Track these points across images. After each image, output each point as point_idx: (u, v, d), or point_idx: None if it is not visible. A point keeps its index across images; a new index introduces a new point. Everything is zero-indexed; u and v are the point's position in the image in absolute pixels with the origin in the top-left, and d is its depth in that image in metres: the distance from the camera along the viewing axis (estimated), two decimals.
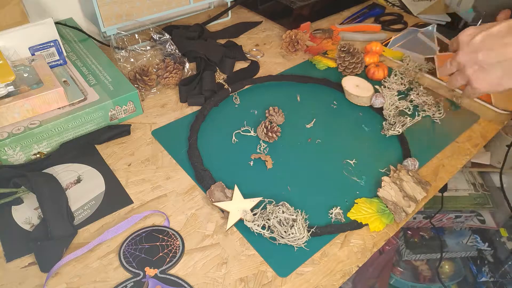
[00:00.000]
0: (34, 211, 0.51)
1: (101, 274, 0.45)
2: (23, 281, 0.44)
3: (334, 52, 0.82)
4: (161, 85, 0.73)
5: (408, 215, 0.51)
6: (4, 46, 0.61)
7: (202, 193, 0.54)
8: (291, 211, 0.49)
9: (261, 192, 0.54)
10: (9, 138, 0.53)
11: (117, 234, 0.48)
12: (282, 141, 0.63)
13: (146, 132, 0.64)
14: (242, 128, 0.64)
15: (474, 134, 0.66)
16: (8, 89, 0.55)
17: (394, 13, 0.99)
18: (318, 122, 0.66)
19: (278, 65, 0.80)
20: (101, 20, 0.75)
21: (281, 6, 0.90)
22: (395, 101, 0.68)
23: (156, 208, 0.52)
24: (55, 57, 0.66)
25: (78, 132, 0.60)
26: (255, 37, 0.90)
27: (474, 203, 1.21)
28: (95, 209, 0.52)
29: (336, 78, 0.75)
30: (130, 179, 0.56)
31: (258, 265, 0.46)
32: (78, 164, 0.57)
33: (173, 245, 0.47)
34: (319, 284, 0.45)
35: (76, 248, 0.47)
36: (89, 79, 0.64)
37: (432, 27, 0.85)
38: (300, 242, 0.47)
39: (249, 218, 0.49)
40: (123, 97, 0.62)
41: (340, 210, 0.52)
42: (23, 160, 0.57)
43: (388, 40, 0.86)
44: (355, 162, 0.60)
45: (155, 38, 0.76)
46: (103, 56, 0.70)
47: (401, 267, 1.26)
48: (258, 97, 0.72)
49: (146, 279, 0.44)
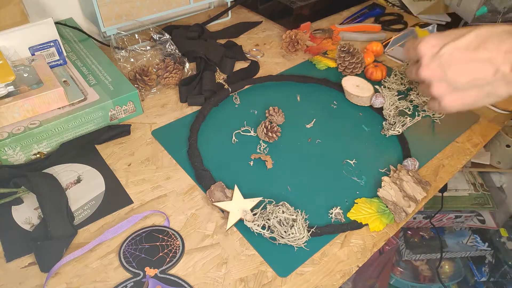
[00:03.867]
0: (34, 211, 0.51)
1: (101, 274, 0.45)
2: (23, 281, 0.44)
3: (334, 52, 0.82)
4: (161, 85, 0.73)
5: (408, 215, 0.51)
6: (4, 46, 0.61)
7: (202, 193, 0.54)
8: (291, 211, 0.49)
9: (261, 192, 0.54)
10: (9, 138, 0.53)
11: (117, 234, 0.48)
12: (282, 141, 0.63)
13: (146, 132, 0.64)
14: (242, 128, 0.64)
15: (474, 134, 0.66)
16: (8, 89, 0.55)
17: (394, 13, 0.99)
18: (318, 122, 0.66)
19: (278, 65, 0.80)
20: (101, 20, 0.75)
21: (281, 6, 0.90)
22: (395, 101, 0.68)
23: (156, 208, 0.52)
24: (55, 57, 0.66)
25: (78, 132, 0.60)
26: (255, 37, 0.90)
27: (474, 203, 1.21)
28: (95, 209, 0.52)
29: (336, 78, 0.75)
30: (130, 179, 0.56)
31: (258, 265, 0.46)
32: (78, 164, 0.57)
33: (173, 245, 0.47)
34: (319, 284, 0.45)
35: (76, 248, 0.47)
36: (89, 79, 0.64)
37: (432, 27, 0.85)
38: (300, 242, 0.47)
39: (249, 218, 0.49)
40: (123, 97, 0.62)
41: (340, 210, 0.52)
42: (23, 160, 0.57)
43: (388, 40, 0.86)
44: (355, 162, 0.60)
45: (155, 38, 0.76)
46: (103, 56, 0.70)
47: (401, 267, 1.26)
48: (258, 97, 0.72)
49: (146, 279, 0.44)
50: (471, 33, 0.42)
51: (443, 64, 0.43)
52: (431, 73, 0.44)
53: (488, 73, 0.41)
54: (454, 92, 0.44)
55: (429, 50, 0.44)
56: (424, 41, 0.45)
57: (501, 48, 0.40)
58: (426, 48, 0.45)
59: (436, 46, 0.44)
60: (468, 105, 0.44)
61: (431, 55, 0.44)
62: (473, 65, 0.41)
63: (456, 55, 0.42)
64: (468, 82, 0.42)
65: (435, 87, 0.45)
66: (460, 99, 0.44)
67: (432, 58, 0.44)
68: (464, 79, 0.42)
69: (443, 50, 0.43)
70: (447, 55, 0.43)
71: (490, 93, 0.42)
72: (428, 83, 0.46)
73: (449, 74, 0.43)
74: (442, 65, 0.43)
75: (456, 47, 0.42)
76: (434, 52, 0.44)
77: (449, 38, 0.43)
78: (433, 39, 0.44)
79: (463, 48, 0.42)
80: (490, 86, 0.41)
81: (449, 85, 0.44)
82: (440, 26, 0.90)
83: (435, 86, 0.45)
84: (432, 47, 0.44)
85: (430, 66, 0.44)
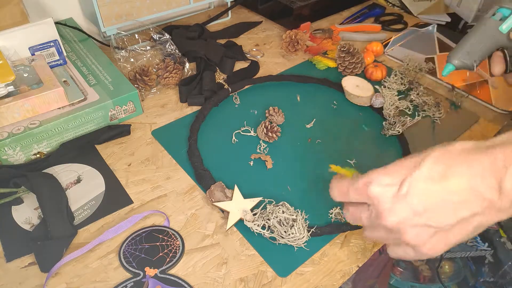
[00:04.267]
0: (34, 211, 0.51)
1: (101, 274, 0.45)
2: (23, 281, 0.44)
3: (334, 52, 0.82)
4: (161, 85, 0.73)
5: None
6: (4, 46, 0.61)
7: (202, 193, 0.54)
8: (291, 211, 0.49)
9: (261, 192, 0.54)
10: (9, 138, 0.53)
11: (117, 234, 0.48)
12: (282, 141, 0.63)
13: (146, 132, 0.64)
14: (242, 128, 0.64)
15: (474, 134, 0.66)
16: (8, 89, 0.55)
17: (394, 13, 0.99)
18: (318, 122, 0.66)
19: (278, 65, 0.80)
20: (101, 20, 0.75)
21: (281, 6, 0.90)
22: (395, 101, 0.68)
23: (156, 208, 0.52)
24: (55, 57, 0.66)
25: (78, 132, 0.60)
26: (255, 37, 0.90)
27: None
28: (95, 209, 0.52)
29: (336, 78, 0.75)
30: (130, 179, 0.56)
31: (258, 265, 0.46)
32: (78, 164, 0.57)
33: (173, 245, 0.47)
34: (319, 284, 0.45)
35: (76, 248, 0.47)
36: (89, 79, 0.64)
37: (432, 27, 0.85)
38: (300, 242, 0.47)
39: (249, 218, 0.49)
40: (123, 97, 0.62)
41: (340, 210, 0.52)
42: (23, 160, 0.57)
43: (388, 40, 0.86)
44: (355, 162, 0.60)
45: (155, 38, 0.76)
46: (103, 56, 0.70)
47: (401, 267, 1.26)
48: (258, 97, 0.72)
49: (146, 279, 0.44)
50: (427, 160, 0.33)
51: (415, 204, 0.33)
52: (399, 218, 0.34)
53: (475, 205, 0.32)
54: (435, 234, 0.34)
55: (384, 191, 0.35)
56: (375, 182, 0.35)
57: (475, 173, 0.32)
58: (380, 190, 0.35)
59: (393, 184, 0.35)
60: (453, 245, 0.35)
61: (391, 197, 0.34)
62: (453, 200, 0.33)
63: (426, 191, 0.33)
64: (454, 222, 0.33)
65: (409, 234, 0.35)
66: (443, 241, 0.35)
67: (394, 199, 0.34)
68: (449, 220, 0.33)
69: (404, 188, 0.33)
70: (415, 193, 0.33)
71: (479, 226, 0.34)
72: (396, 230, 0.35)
73: (426, 215, 0.33)
74: (414, 205, 0.33)
75: (420, 181, 0.33)
76: (394, 192, 0.34)
77: (403, 171, 0.34)
78: (384, 177, 0.35)
79: (428, 179, 0.33)
80: (479, 217, 0.33)
81: (428, 228, 0.34)
82: (440, 26, 0.90)
83: (410, 232, 0.35)
84: (388, 186, 0.35)
85: (396, 210, 0.34)
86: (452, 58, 0.55)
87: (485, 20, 0.53)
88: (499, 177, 0.31)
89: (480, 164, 0.32)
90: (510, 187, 0.30)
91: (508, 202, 0.31)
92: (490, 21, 0.53)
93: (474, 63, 0.54)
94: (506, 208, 0.32)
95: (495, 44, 0.53)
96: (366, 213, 0.38)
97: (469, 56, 0.54)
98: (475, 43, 0.53)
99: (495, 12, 0.53)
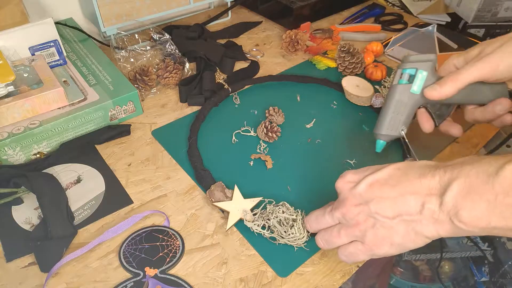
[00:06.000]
0: (34, 211, 0.51)
1: (101, 274, 0.45)
2: (23, 281, 0.44)
3: (334, 52, 0.82)
4: (161, 85, 0.73)
5: None
6: (4, 46, 0.61)
7: (202, 193, 0.54)
8: (291, 211, 0.49)
9: (261, 192, 0.54)
10: (9, 138, 0.53)
11: (117, 234, 0.48)
12: (282, 141, 0.63)
13: (146, 132, 0.64)
14: (242, 128, 0.64)
15: (474, 134, 0.66)
16: (8, 89, 0.55)
17: (394, 13, 0.99)
18: (318, 122, 0.66)
19: (278, 65, 0.80)
20: (101, 20, 0.75)
21: (281, 6, 0.90)
22: None
23: (156, 208, 0.52)
24: (55, 57, 0.66)
25: (78, 132, 0.60)
26: (255, 37, 0.90)
27: None
28: (95, 209, 0.52)
29: (336, 78, 0.75)
30: (130, 179, 0.56)
31: (258, 265, 0.46)
32: (78, 164, 0.57)
33: (173, 245, 0.47)
34: (319, 284, 0.45)
35: (76, 248, 0.47)
36: (89, 79, 0.64)
37: (432, 27, 0.85)
38: (300, 242, 0.47)
39: (249, 218, 0.49)
40: (123, 97, 0.62)
41: None
42: (23, 160, 0.57)
43: (388, 40, 0.86)
44: (355, 162, 0.60)
45: (155, 38, 0.76)
46: (103, 56, 0.70)
47: (401, 267, 1.26)
48: (258, 97, 0.72)
49: (146, 279, 0.44)
50: (390, 167, 0.39)
51: (363, 193, 0.39)
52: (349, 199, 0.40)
53: (413, 207, 0.36)
54: (377, 227, 0.38)
55: (346, 185, 0.41)
56: (342, 177, 0.42)
57: (423, 182, 0.36)
58: (343, 184, 0.41)
59: (353, 182, 0.41)
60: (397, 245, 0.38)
61: (349, 189, 0.40)
62: (395, 196, 0.37)
63: (376, 189, 0.38)
64: (394, 216, 0.37)
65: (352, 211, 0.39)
66: (388, 239, 0.38)
67: (351, 191, 0.40)
68: (388, 212, 0.37)
69: (360, 185, 0.39)
70: (365, 189, 0.39)
71: (417, 232, 0.37)
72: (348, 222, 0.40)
73: (371, 203, 0.38)
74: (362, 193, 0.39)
75: (374, 181, 0.39)
76: (351, 187, 0.40)
77: (366, 172, 0.40)
78: (349, 175, 0.42)
79: (382, 181, 0.38)
80: (417, 223, 0.36)
81: (375, 221, 0.38)
82: (440, 26, 0.90)
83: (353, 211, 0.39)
84: (348, 183, 0.41)
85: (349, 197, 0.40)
86: (378, 134, 0.53)
87: (395, 88, 0.51)
88: (444, 189, 0.34)
89: (432, 177, 0.35)
90: (449, 200, 0.34)
91: (445, 215, 0.34)
92: (400, 87, 0.51)
93: (401, 131, 0.52)
94: (442, 221, 0.35)
95: (414, 107, 0.51)
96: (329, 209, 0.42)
97: (393, 127, 0.52)
98: (394, 113, 0.51)
99: (401, 74, 0.51)
